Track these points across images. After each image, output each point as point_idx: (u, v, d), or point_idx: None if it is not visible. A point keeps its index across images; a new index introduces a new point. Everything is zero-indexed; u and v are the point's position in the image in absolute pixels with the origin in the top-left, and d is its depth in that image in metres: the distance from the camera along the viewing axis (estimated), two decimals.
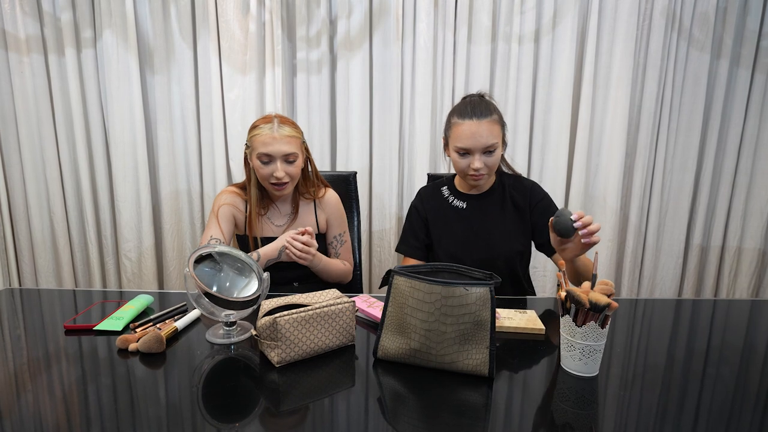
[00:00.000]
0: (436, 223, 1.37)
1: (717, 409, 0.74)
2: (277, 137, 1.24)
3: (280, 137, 1.25)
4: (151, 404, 0.74)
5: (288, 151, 1.25)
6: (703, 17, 1.96)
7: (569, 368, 0.84)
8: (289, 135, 1.26)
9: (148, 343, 0.89)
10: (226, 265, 0.99)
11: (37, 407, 0.73)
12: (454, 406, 0.74)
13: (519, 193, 1.34)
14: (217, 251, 0.97)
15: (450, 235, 1.34)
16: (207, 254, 0.96)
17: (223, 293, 0.93)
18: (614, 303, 0.78)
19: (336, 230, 1.42)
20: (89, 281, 2.21)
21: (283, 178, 1.26)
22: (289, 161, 1.27)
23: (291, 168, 1.28)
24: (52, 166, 2.08)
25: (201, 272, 0.94)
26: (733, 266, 2.20)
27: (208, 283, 0.92)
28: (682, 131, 2.08)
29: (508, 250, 1.32)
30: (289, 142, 1.26)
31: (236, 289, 0.97)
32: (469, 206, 1.34)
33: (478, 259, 1.31)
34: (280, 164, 1.25)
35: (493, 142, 1.21)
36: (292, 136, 1.27)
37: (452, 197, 1.37)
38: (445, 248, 1.34)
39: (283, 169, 1.26)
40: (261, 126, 1.27)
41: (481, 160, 1.22)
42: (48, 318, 1.07)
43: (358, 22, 1.97)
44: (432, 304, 0.82)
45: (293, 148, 1.26)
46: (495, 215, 1.33)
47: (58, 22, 1.96)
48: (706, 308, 1.21)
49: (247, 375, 0.83)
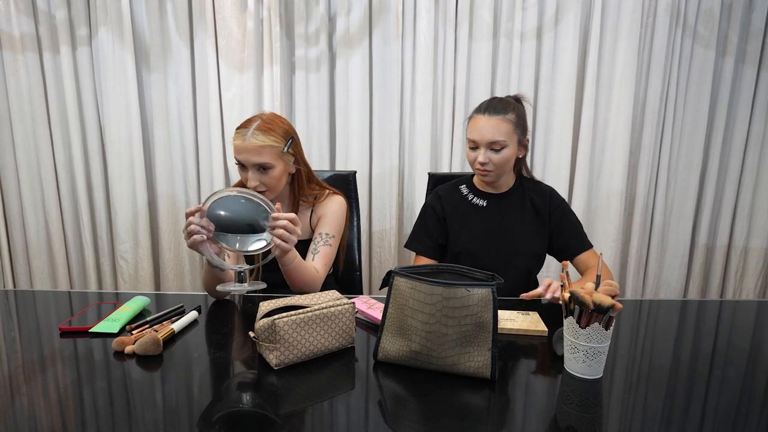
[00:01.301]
0: (455, 219, 1.38)
1: (723, 412, 0.74)
2: (248, 146, 1.18)
3: (251, 147, 1.18)
4: (147, 408, 0.74)
5: (258, 161, 1.19)
6: (708, 14, 1.96)
7: (573, 370, 0.83)
8: (261, 145, 1.18)
9: (144, 346, 0.89)
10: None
11: (32, 411, 0.73)
12: (456, 409, 0.74)
13: (538, 196, 1.37)
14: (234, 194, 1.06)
15: (469, 232, 1.36)
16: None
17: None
18: (618, 304, 0.78)
19: (325, 228, 1.31)
20: (85, 282, 2.21)
21: (257, 187, 1.21)
22: (263, 169, 1.21)
23: (265, 177, 1.21)
24: (47, 165, 2.08)
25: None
26: (739, 266, 2.20)
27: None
28: (687, 129, 2.08)
29: (526, 250, 1.35)
30: (259, 152, 1.18)
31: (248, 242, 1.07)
32: (489, 204, 1.36)
33: (496, 257, 1.34)
34: (251, 173, 1.20)
35: (498, 139, 1.23)
36: (265, 146, 1.18)
37: (472, 195, 1.39)
38: (464, 245, 1.36)
39: (256, 178, 1.20)
40: (238, 130, 1.22)
41: (486, 156, 1.25)
42: (43, 320, 1.07)
43: (358, 19, 1.97)
44: (433, 305, 0.82)
45: (264, 158, 1.19)
46: (515, 215, 1.35)
47: (53, 19, 1.97)
48: (712, 309, 1.21)
49: (244, 377, 0.83)
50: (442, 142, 2.06)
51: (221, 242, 1.06)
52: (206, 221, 1.03)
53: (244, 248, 1.06)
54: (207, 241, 1.04)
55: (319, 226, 1.33)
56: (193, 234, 1.02)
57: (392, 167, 2.08)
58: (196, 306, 1.10)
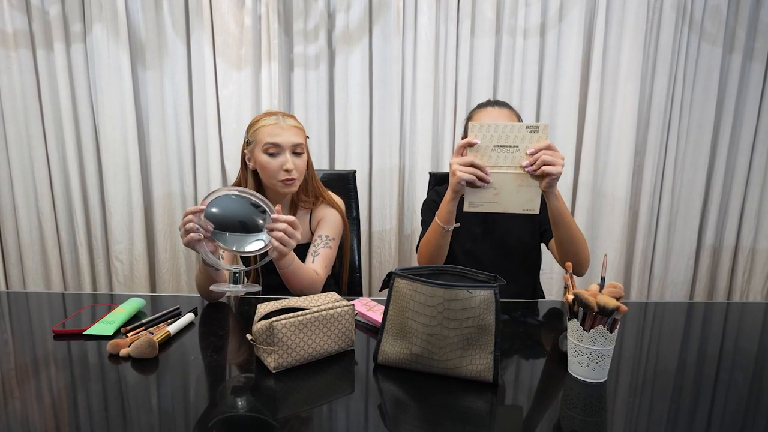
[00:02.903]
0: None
1: (730, 416, 0.74)
2: (284, 127, 1.23)
3: (288, 127, 1.24)
4: (143, 412, 0.74)
5: (297, 141, 1.24)
6: (715, 10, 1.96)
7: (577, 374, 0.83)
8: (297, 126, 1.26)
9: (140, 348, 0.89)
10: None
11: (24, 415, 0.73)
12: (457, 413, 0.74)
13: None
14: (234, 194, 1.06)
15: (467, 232, 1.36)
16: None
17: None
18: (623, 306, 0.78)
19: (324, 231, 1.32)
20: (79, 284, 2.22)
21: (292, 171, 1.23)
22: (297, 153, 1.25)
23: (299, 161, 1.25)
24: (41, 164, 2.08)
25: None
26: (746, 267, 2.20)
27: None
28: (694, 128, 2.08)
29: (525, 246, 1.37)
30: (297, 134, 1.25)
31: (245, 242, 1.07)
32: None
33: (493, 255, 1.35)
34: (289, 155, 1.23)
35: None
36: (300, 128, 1.27)
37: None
38: (461, 245, 1.37)
39: (292, 161, 1.23)
40: (265, 118, 1.26)
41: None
42: (36, 322, 1.07)
43: (358, 16, 1.97)
44: (434, 307, 0.82)
45: (301, 140, 1.25)
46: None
47: (47, 15, 1.97)
48: (718, 311, 1.21)
49: (242, 381, 0.83)
50: (444, 140, 2.06)
51: (218, 241, 1.06)
52: (204, 220, 1.03)
53: (242, 248, 1.06)
54: (204, 240, 1.04)
55: (319, 229, 1.34)
56: (191, 232, 1.02)
57: (392, 166, 2.08)
58: (193, 308, 1.10)
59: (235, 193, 1.05)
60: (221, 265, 1.09)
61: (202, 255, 1.07)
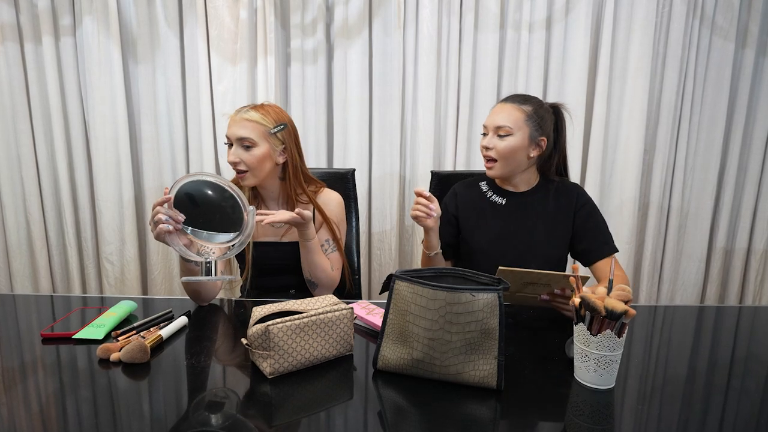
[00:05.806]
0: (469, 216, 1.40)
1: (742, 424, 0.74)
2: (236, 120, 1.24)
3: (239, 120, 1.24)
4: (134, 418, 0.74)
5: (241, 135, 1.23)
6: (727, 3, 1.96)
7: (583, 380, 0.84)
8: (248, 119, 1.23)
9: (131, 353, 0.89)
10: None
11: (12, 421, 0.73)
12: (460, 420, 0.74)
13: (563, 195, 1.36)
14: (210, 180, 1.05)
15: (484, 230, 1.37)
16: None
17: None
18: (632, 310, 0.78)
19: (327, 234, 1.35)
20: (68, 286, 2.21)
21: (237, 165, 1.24)
22: (246, 146, 1.23)
23: (246, 155, 1.23)
24: (28, 162, 2.08)
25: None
26: (759, 270, 2.20)
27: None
28: (705, 126, 2.08)
29: (543, 253, 1.35)
30: (245, 126, 1.23)
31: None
32: (509, 203, 1.37)
33: (511, 258, 1.33)
34: (233, 148, 1.24)
35: (503, 124, 1.26)
36: (251, 120, 1.23)
37: (491, 192, 1.40)
38: (478, 242, 1.37)
39: (237, 154, 1.23)
40: (234, 111, 1.28)
41: (491, 142, 1.28)
42: (24, 325, 1.07)
43: (357, 8, 1.97)
44: (436, 311, 0.82)
45: (248, 133, 1.23)
46: (535, 216, 1.35)
47: (35, 8, 1.97)
48: (730, 316, 1.21)
49: (236, 387, 0.83)
50: (446, 138, 2.06)
51: (188, 233, 1.04)
52: (174, 211, 1.02)
53: (213, 239, 1.05)
54: (175, 232, 1.03)
55: (321, 232, 1.34)
56: (160, 224, 1.01)
57: (393, 165, 2.08)
58: (186, 311, 1.10)
59: (207, 179, 1.05)
60: (193, 255, 1.06)
61: (174, 248, 1.05)
